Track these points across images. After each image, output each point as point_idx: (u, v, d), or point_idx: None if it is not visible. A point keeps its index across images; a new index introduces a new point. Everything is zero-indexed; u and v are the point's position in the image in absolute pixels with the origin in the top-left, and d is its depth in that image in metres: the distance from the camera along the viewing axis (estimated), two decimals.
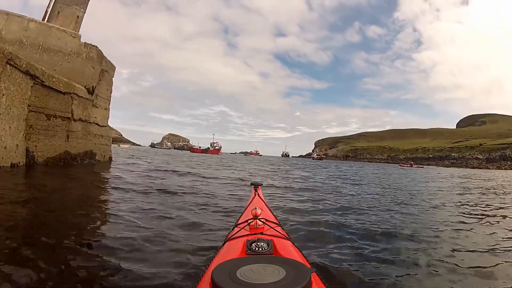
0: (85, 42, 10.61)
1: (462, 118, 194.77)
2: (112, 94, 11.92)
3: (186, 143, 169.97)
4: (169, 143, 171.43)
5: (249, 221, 1.81)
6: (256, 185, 2.89)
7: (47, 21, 11.36)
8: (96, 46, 10.72)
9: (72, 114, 9.38)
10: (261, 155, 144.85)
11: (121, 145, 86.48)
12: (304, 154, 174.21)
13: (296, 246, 1.63)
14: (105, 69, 11.29)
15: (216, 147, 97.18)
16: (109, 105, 11.60)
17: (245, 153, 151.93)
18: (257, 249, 1.42)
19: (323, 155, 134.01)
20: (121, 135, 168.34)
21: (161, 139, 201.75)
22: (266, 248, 1.43)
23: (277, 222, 1.96)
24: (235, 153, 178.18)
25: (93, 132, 10.41)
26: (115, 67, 12.02)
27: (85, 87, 10.04)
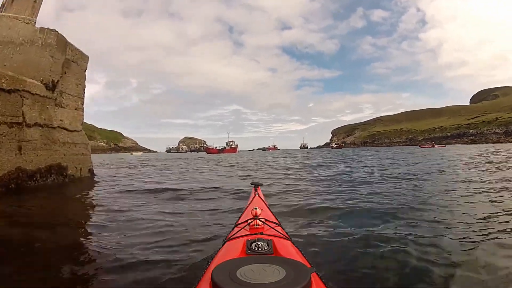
0: (41, 27, 8.09)
1: (474, 94, 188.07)
2: (123, 104, 9.19)
3: (202, 145, 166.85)
4: (185, 147, 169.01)
5: (249, 221, 1.75)
6: (256, 185, 2.78)
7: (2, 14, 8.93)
8: (56, 30, 8.18)
9: (24, 118, 6.86)
10: (279, 149, 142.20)
11: (133, 153, 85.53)
12: (322, 144, 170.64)
13: (296, 246, 1.58)
14: (72, 59, 8.73)
15: (232, 146, 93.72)
16: (82, 104, 9.01)
17: (263, 149, 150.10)
18: (257, 249, 1.37)
19: (342, 143, 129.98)
20: (137, 143, 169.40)
21: (177, 143, 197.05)
22: (266, 248, 1.38)
23: (277, 222, 1.89)
24: (252, 150, 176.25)
25: (59, 140, 7.86)
26: (87, 57, 9.44)
27: (42, 82, 7.50)
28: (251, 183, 2.88)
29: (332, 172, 11.14)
